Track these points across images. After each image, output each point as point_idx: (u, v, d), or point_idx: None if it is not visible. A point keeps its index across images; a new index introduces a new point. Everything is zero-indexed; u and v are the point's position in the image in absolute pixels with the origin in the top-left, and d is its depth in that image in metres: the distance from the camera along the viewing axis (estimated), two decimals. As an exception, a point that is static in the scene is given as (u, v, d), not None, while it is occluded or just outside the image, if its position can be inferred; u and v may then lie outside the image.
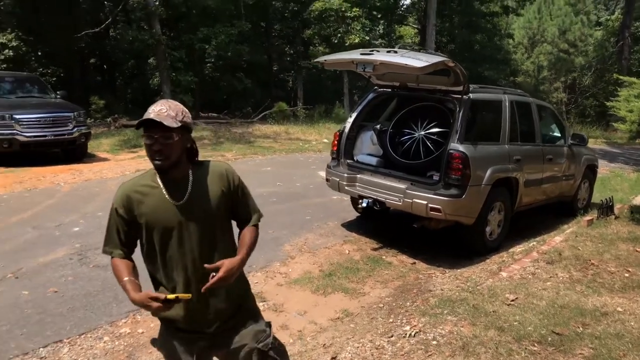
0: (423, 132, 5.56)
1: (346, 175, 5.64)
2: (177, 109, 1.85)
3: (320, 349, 3.37)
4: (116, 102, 19.16)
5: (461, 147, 4.89)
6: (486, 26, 24.40)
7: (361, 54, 5.11)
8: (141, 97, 21.71)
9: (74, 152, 9.90)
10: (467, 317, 3.69)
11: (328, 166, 5.99)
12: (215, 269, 1.81)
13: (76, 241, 5.25)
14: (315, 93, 24.45)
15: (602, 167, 9.90)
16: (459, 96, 5.13)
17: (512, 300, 3.96)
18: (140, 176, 1.96)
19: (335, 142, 5.99)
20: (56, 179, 8.12)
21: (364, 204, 5.46)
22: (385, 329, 3.64)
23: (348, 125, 5.94)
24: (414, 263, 5.15)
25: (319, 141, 13.98)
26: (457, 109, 5.07)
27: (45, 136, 9.15)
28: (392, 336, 3.51)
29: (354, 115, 6.01)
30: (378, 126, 5.97)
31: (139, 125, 1.79)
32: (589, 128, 20.70)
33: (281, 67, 26.69)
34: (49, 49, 17.01)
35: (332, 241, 5.60)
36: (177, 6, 17.94)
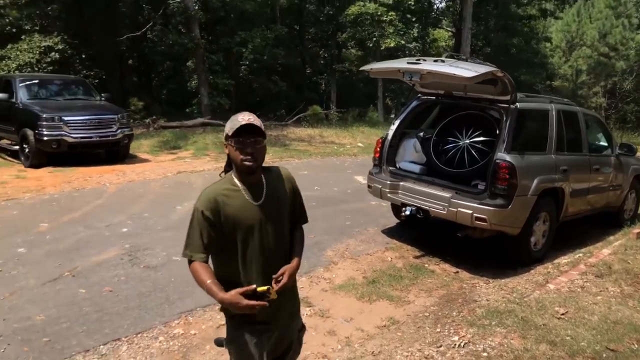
0: (468, 141, 5.52)
1: (389, 182, 5.65)
2: (259, 120, 2.03)
3: (369, 357, 3.41)
4: (153, 104, 19.62)
5: (508, 157, 4.85)
6: (523, 29, 24.00)
7: (408, 63, 5.13)
8: (179, 99, 22.17)
9: (117, 153, 10.21)
10: (517, 330, 3.67)
11: (370, 173, 6.00)
12: (280, 276, 2.01)
13: (125, 242, 5.42)
14: (348, 96, 24.49)
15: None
16: (506, 105, 5.09)
17: (562, 314, 3.91)
18: (219, 182, 2.10)
19: (377, 149, 6.00)
20: (102, 180, 8.38)
21: (407, 212, 5.45)
22: (433, 339, 3.65)
23: (391, 132, 5.95)
24: (457, 272, 5.13)
25: (354, 145, 14.00)
26: (504, 119, 5.03)
27: (91, 137, 9.46)
28: (441, 346, 3.52)
29: (397, 122, 6.00)
30: (421, 134, 5.95)
31: (238, 130, 1.95)
32: (630, 134, 20.04)
33: (314, 70, 26.85)
34: (92, 52, 17.55)
35: (374, 248, 5.63)
36: (216, 10, 18.28)
